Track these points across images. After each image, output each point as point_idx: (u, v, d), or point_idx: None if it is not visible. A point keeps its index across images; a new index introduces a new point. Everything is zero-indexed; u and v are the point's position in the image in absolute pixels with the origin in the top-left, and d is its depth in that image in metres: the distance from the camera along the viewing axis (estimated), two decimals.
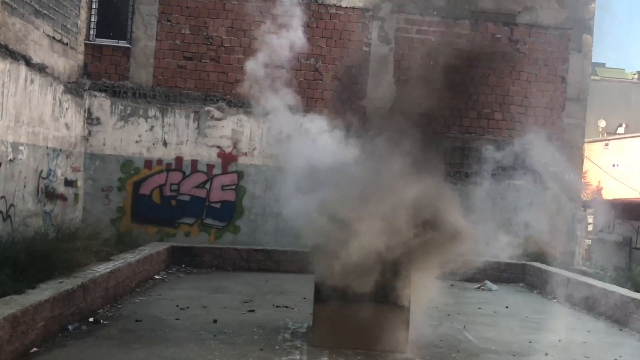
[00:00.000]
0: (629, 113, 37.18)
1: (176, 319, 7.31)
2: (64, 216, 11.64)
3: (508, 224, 13.83)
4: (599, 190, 29.92)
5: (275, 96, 8.30)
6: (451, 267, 6.80)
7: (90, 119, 13.09)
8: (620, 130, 34.89)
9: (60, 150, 11.78)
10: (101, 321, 6.92)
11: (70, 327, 6.37)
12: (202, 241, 13.04)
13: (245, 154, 13.43)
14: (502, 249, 13.71)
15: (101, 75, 13.22)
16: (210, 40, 13.43)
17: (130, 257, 9.12)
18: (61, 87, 11.62)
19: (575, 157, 14.38)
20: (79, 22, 12.60)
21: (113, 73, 13.30)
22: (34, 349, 5.64)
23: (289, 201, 7.22)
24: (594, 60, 15.19)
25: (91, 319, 6.87)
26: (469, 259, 7.07)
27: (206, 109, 13.35)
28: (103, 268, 7.86)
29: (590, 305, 9.55)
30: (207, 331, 6.81)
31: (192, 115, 13.35)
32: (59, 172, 11.79)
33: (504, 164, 13.79)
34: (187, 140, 13.34)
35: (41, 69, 10.59)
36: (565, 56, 14.24)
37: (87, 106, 13.05)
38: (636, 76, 43.65)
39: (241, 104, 13.39)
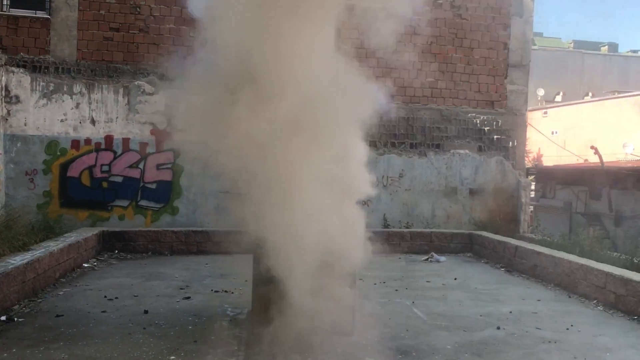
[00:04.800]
0: (566, 81, 38.00)
1: (102, 312, 6.66)
2: None
3: (454, 194, 13.74)
4: (539, 157, 30.52)
5: None
6: None
7: (9, 98, 12.06)
8: (558, 98, 35.59)
9: None
10: (15, 319, 6.20)
11: None
12: (138, 224, 12.31)
13: (181, 130, 12.67)
14: (448, 219, 13.62)
15: (19, 49, 12.19)
16: (138, 9, 12.54)
17: (53, 246, 8.34)
18: None
19: (519, 124, 14.28)
20: None
21: (32, 47, 12.27)
22: None
23: None
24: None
25: (3, 317, 6.14)
26: None
27: (136, 83, 12.52)
28: (19, 259, 7.09)
29: (538, 273, 9.43)
30: (137, 324, 6.21)
31: (121, 90, 12.49)
32: None
33: (448, 133, 13.59)
34: (117, 118, 12.49)
35: None
36: (507, 22, 14.05)
37: (4, 83, 12.01)
38: (572, 45, 44.64)
39: (175, 77, 12.61)
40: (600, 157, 20.92)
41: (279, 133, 5.50)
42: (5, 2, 12.05)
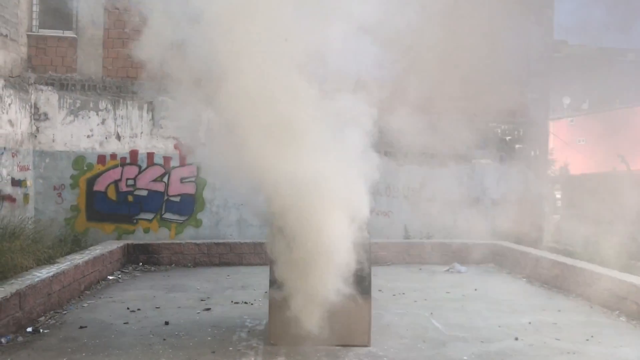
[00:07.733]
0: (593, 89, 37.51)
1: (125, 323, 6.82)
2: (13, 218, 11.00)
3: (475, 204, 13.69)
4: (565, 166, 30.11)
5: None
6: None
7: (38, 115, 12.45)
8: (585, 106, 35.13)
9: (5, 148, 11.14)
10: (41, 330, 6.39)
11: (3, 340, 5.83)
12: (163, 237, 12.55)
13: (204, 144, 12.90)
14: (470, 229, 13.55)
15: (47, 68, 12.58)
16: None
17: (78, 259, 8.55)
18: (1, 82, 10.96)
19: (541, 133, 14.18)
20: (18, 12, 11.91)
21: (60, 65, 12.66)
22: None
23: None
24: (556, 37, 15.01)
25: (29, 329, 6.33)
26: None
27: (160, 99, 12.78)
28: (45, 272, 7.30)
29: (560, 283, 9.33)
30: (157, 335, 6.34)
31: (145, 106, 12.79)
32: (4, 172, 11.17)
33: (469, 143, 13.53)
34: (142, 133, 12.79)
35: None
36: (528, 31, 13.99)
37: (33, 101, 12.41)
38: (598, 52, 44.04)
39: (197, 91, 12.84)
40: (627, 165, 20.56)
41: None
42: (34, 24, 12.45)
